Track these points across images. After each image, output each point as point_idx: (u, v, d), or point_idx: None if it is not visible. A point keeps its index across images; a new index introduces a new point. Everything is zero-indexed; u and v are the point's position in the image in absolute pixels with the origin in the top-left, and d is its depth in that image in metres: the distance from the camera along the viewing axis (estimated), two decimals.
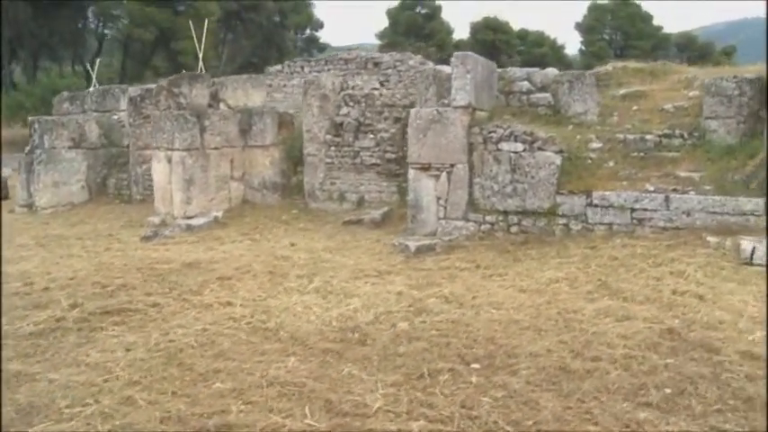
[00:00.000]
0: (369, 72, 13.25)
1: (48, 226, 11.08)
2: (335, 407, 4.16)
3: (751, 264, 6.88)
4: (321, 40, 41.73)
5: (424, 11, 41.60)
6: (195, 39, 17.88)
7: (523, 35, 42.84)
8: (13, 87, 26.75)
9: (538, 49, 39.70)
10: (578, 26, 44.26)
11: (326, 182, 11.20)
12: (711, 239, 7.48)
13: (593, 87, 9.59)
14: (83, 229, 10.71)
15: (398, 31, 40.27)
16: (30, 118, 12.83)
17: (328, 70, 13.65)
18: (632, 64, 11.63)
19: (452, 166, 8.82)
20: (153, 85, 12.17)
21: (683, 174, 8.38)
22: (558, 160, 8.41)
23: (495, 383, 4.43)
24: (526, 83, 9.70)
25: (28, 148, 12.74)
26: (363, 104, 10.91)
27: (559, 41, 45.09)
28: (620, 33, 42.76)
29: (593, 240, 8.08)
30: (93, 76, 19.07)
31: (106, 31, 30.65)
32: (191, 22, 18.12)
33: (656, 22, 43.67)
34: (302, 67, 14.10)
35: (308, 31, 40.71)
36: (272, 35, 34.67)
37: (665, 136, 8.96)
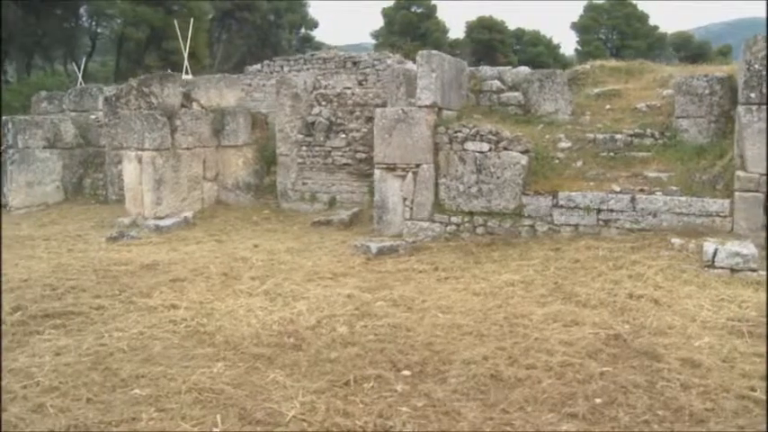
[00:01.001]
0: (347, 71, 13.10)
1: (17, 227, 10.96)
2: (249, 414, 4.02)
3: (713, 266, 6.70)
4: (317, 39, 41.63)
5: (419, 10, 41.45)
6: (180, 38, 17.90)
7: (520, 34, 42.63)
8: (7, 86, 26.74)
9: (533, 49, 39.47)
10: (574, 26, 44.00)
11: (299, 182, 11.06)
12: (675, 241, 7.31)
13: (565, 86, 9.42)
14: (52, 229, 10.59)
15: (394, 30, 40.11)
16: (3, 117, 12.72)
17: (308, 69, 13.51)
18: (610, 63, 11.46)
19: (418, 166, 8.67)
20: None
21: (651, 174, 8.20)
22: (523, 160, 8.24)
23: (420, 392, 4.28)
24: (497, 82, 9.54)
25: (2, 148, 12.64)
26: (335, 104, 10.77)
27: (556, 41, 44.96)
28: (616, 33, 42.47)
29: (559, 242, 7.92)
30: (79, 75, 19.00)
31: (100, 30, 30.59)
32: (175, 21, 18.07)
33: (652, 21, 43.48)
34: (282, 67, 13.96)
35: (303, 31, 40.61)
36: (267, 34, 34.59)
37: (636, 135, 8.79)
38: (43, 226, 10.90)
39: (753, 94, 7.28)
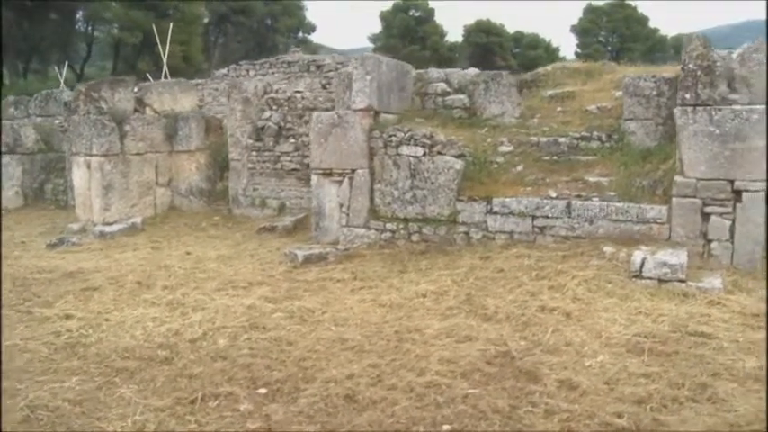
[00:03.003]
0: (312, 75, 12.80)
1: None
2: None
3: (640, 277, 6.33)
4: (315, 42, 41.35)
5: (417, 14, 41.06)
6: (159, 43, 17.77)
7: (518, 38, 42.03)
8: (7, 90, 26.84)
9: (533, 52, 38.87)
10: (574, 29, 43.31)
11: (249, 187, 10.82)
12: (607, 249, 6.95)
13: (512, 88, 9.08)
14: None
15: (392, 34, 39.79)
16: None
17: (273, 73, 13.22)
18: (573, 64, 11.11)
19: (353, 171, 8.38)
20: None
21: (592, 179, 7.84)
22: (457, 165, 7.92)
23: (262, 413, 4.01)
24: (442, 84, 9.22)
25: None
26: (286, 108, 10.53)
27: (555, 44, 44.25)
28: (616, 36, 41.70)
29: (491, 250, 7.58)
30: (61, 80, 18.96)
31: (96, 34, 30.63)
32: (154, 26, 17.96)
33: (655, 24, 42.72)
34: (248, 71, 13.70)
35: (300, 34, 40.42)
36: (264, 38, 34.47)
37: (583, 139, 8.41)
38: None
39: (688, 95, 6.91)
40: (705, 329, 5.23)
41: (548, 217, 7.51)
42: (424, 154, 8.04)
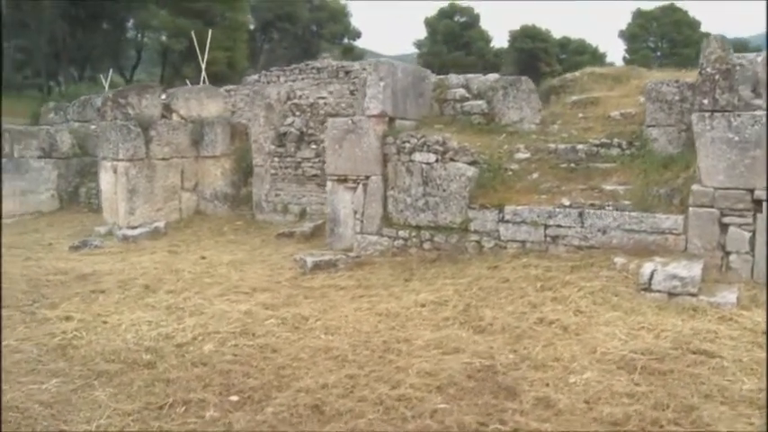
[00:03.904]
0: (340, 81, 12.82)
1: None
2: None
3: (649, 290, 6.05)
4: (361, 48, 41.45)
5: (462, 19, 40.67)
6: (198, 51, 18.12)
7: (565, 43, 41.19)
8: (60, 97, 27.82)
9: (579, 57, 37.97)
10: (622, 34, 42.16)
11: (272, 193, 10.87)
12: (618, 260, 6.67)
13: (532, 94, 8.85)
14: (28, 238, 10.72)
15: (437, 40, 39.53)
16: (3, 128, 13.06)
17: (302, 79, 13.30)
18: (600, 69, 10.80)
19: (368, 177, 8.30)
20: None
21: (609, 187, 7.56)
22: (469, 172, 7.75)
23: (225, 421, 3.96)
24: (461, 90, 9.07)
25: None
26: (308, 114, 10.54)
27: (602, 49, 43.27)
28: (666, 41, 40.32)
29: (501, 259, 7.38)
30: (106, 86, 19.50)
31: (146, 41, 31.53)
32: (192, 33, 18.32)
33: (706, 28, 41.20)
34: (278, 77, 13.81)
35: (345, 41, 40.64)
36: (309, 44, 34.86)
37: (602, 145, 8.12)
38: (22, 234, 11.06)
39: (705, 101, 6.60)
40: (708, 347, 4.95)
41: (560, 226, 7.28)
42: (437, 160, 7.90)
